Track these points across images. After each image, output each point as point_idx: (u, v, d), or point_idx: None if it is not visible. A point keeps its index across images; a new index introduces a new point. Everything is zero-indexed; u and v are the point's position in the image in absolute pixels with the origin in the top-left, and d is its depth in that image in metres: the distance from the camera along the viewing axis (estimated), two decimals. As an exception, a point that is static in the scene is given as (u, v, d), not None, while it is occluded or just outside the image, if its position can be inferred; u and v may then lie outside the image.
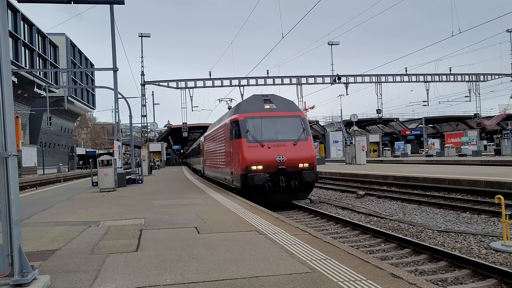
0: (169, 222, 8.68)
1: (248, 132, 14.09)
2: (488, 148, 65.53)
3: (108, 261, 5.59)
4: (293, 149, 14.05)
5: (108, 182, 18.23)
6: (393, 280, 4.39)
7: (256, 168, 13.61)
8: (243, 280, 4.54)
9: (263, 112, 14.68)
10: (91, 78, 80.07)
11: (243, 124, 14.30)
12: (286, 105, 15.35)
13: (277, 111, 14.81)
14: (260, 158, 13.73)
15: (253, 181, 13.22)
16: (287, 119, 14.76)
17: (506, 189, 14.43)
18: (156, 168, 47.68)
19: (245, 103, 15.54)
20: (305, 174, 13.74)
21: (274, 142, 14.03)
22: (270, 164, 13.69)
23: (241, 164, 13.80)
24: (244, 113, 14.62)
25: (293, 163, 13.85)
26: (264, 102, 15.03)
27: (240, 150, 13.92)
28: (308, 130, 14.72)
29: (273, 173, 13.63)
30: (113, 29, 22.04)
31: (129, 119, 30.14)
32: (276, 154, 13.81)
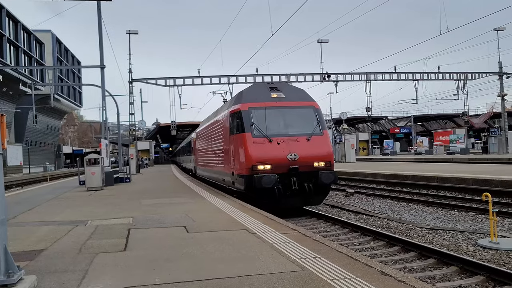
0: (158, 221, 8.61)
1: (254, 125, 11.91)
2: (475, 146, 66.30)
3: (96, 261, 5.51)
4: (306, 145, 11.91)
5: (95, 181, 18.06)
6: (382, 277, 4.39)
7: (263, 168, 11.51)
8: (233, 279, 4.51)
9: (270, 101, 12.53)
10: (78, 75, 79.25)
11: (247, 115, 12.09)
12: (296, 94, 13.28)
13: (286, 101, 12.66)
14: (268, 156, 11.61)
15: (261, 183, 11.02)
16: (299, 109, 12.61)
17: (493, 186, 14.59)
18: (144, 166, 47.40)
19: (248, 91, 13.32)
20: (322, 175, 11.62)
21: (284, 137, 11.89)
22: (280, 163, 11.57)
23: (246, 164, 11.67)
24: (247, 102, 12.44)
25: (307, 161, 11.74)
26: (270, 91, 12.92)
27: (244, 147, 11.77)
28: (323, 122, 12.65)
29: (284, 174, 11.52)
30: (100, 26, 21.82)
31: (116, 117, 29.89)
32: (287, 151, 11.68)
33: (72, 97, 75.09)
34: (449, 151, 51.71)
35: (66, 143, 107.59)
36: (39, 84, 48.85)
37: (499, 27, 41.88)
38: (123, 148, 47.92)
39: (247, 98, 12.71)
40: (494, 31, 42.31)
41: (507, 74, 44.80)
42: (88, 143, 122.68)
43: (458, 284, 6.09)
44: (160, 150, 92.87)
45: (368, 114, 44.76)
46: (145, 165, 48.80)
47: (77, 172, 24.81)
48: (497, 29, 41.99)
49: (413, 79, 42.07)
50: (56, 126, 77.33)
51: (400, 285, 4.14)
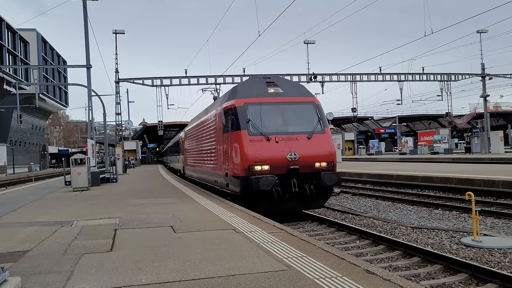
0: (144, 222, 8.58)
1: (250, 122, 11.08)
2: (459, 146, 67.19)
3: (81, 262, 5.48)
4: (307, 144, 11.14)
5: (81, 181, 17.91)
6: (368, 276, 4.45)
7: (261, 169, 10.69)
8: (219, 278, 4.52)
9: (267, 97, 11.72)
10: (63, 75, 78.29)
11: (243, 111, 11.25)
12: (295, 89, 12.50)
13: (284, 96, 11.86)
14: (266, 155, 10.79)
15: (258, 185, 10.24)
16: (298, 105, 11.83)
17: (476, 185, 14.83)
18: (131, 166, 47.08)
19: (243, 86, 12.54)
20: (325, 176, 10.86)
21: (283, 135, 11.08)
22: (279, 163, 10.77)
23: (241, 164, 10.84)
24: (243, 98, 11.59)
25: (308, 161, 10.96)
26: (267, 85, 12.07)
27: (240, 146, 10.96)
28: (324, 120, 11.91)
29: (283, 175, 10.73)
30: (86, 25, 21.64)
31: (103, 117, 29.67)
32: (287, 151, 10.87)
33: (58, 97, 74.18)
34: (433, 151, 52.32)
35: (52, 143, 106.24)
36: (24, 84, 48.13)
37: (481, 29, 42.51)
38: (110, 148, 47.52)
39: (242, 93, 11.84)
40: (477, 33, 42.92)
41: (489, 75, 45.51)
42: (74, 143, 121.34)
43: (442, 282, 6.19)
44: (147, 150, 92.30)
45: (354, 114, 45.10)
46: (131, 165, 48.47)
47: (62, 173, 24.57)
48: (480, 31, 42.60)
49: (398, 80, 42.49)
50: (41, 126, 76.33)
51: (385, 283, 4.20)
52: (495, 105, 77.29)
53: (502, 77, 49.47)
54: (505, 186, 13.99)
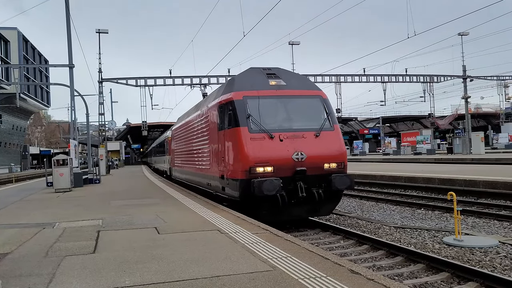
0: (128, 223, 8.50)
1: (250, 118, 9.88)
2: (441, 147, 68.17)
3: (63, 264, 5.40)
4: (315, 143, 10.00)
5: (63, 182, 17.66)
6: (352, 276, 4.48)
7: (263, 171, 9.51)
8: (204, 280, 4.50)
9: (268, 90, 10.56)
10: (45, 74, 77.12)
11: (242, 106, 10.06)
12: (299, 81, 11.34)
13: (288, 89, 10.72)
14: (269, 155, 9.61)
15: (261, 189, 9.05)
16: (304, 99, 10.73)
17: (458, 185, 15.06)
18: (114, 167, 46.62)
19: (242, 77, 11.19)
20: (336, 179, 9.72)
21: (288, 133, 9.93)
22: (284, 165, 9.59)
23: (241, 165, 9.61)
24: (241, 90, 10.40)
25: (316, 162, 9.81)
26: (267, 77, 10.91)
27: (239, 144, 9.74)
28: (333, 115, 10.75)
29: (288, 178, 9.56)
30: (69, 24, 21.35)
31: (86, 117, 29.29)
32: (292, 150, 9.70)
33: (39, 97, 73.01)
34: (416, 152, 52.99)
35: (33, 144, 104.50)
36: (4, 83, 47.29)
37: (463, 32, 43.23)
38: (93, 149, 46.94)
39: (240, 86, 10.62)
40: (458, 36, 43.63)
41: (470, 77, 46.30)
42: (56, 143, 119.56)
43: (424, 281, 6.27)
44: (131, 151, 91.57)
45: (338, 115, 45.40)
46: (115, 166, 47.99)
47: (44, 173, 24.20)
48: (461, 33, 43.32)
49: (382, 81, 42.96)
50: (22, 126, 75.03)
51: (369, 283, 4.23)
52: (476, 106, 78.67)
53: (483, 79, 50.43)
54: (486, 186, 14.24)
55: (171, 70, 37.97)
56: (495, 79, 52.65)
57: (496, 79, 52.92)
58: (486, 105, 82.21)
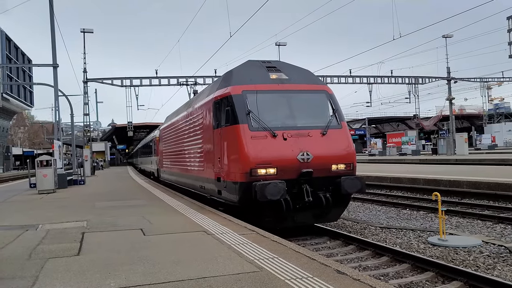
0: (113, 224, 8.41)
1: (251, 115, 9.06)
2: (426, 148, 68.99)
3: (47, 266, 5.31)
4: (322, 142, 9.22)
5: (47, 183, 17.43)
6: (338, 276, 4.49)
7: (265, 173, 8.70)
8: (190, 281, 4.47)
9: (270, 84, 9.77)
10: (28, 74, 75.97)
11: (241, 101, 9.24)
12: (302, 75, 10.47)
13: (290, 83, 9.93)
14: (272, 155, 8.78)
15: (264, 194, 8.18)
16: (309, 95, 9.97)
17: (442, 186, 15.25)
18: (99, 168, 46.17)
19: (240, 71, 10.30)
20: (345, 181, 8.91)
21: (292, 131, 9.13)
22: (288, 166, 8.77)
23: (241, 166, 8.77)
24: (240, 85, 9.59)
25: (323, 163, 9.03)
26: (268, 71, 10.10)
27: (238, 144, 8.91)
28: (340, 112, 9.98)
29: (293, 181, 8.76)
30: (53, 23, 21.09)
31: (70, 117, 28.97)
32: (298, 150, 8.89)
33: (23, 97, 71.91)
34: (401, 153, 53.57)
35: (16, 144, 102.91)
36: (-14, 83, 46.47)
37: (447, 34, 43.83)
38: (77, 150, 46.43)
39: (239, 79, 9.79)
40: (443, 38, 44.22)
41: (454, 79, 46.97)
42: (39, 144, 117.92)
43: (410, 281, 6.32)
44: (116, 152, 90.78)
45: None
46: (100, 167, 47.54)
47: (27, 175, 23.85)
48: (446, 36, 43.91)
49: (368, 82, 43.32)
50: (5, 126, 73.79)
51: (355, 283, 4.25)
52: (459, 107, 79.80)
53: (467, 81, 51.20)
54: (469, 186, 14.44)
55: (157, 71, 37.81)
56: (479, 81, 53.56)
57: (479, 81, 53.82)
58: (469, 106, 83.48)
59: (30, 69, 75.76)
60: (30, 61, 78.13)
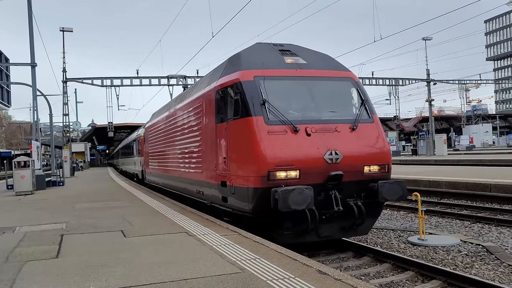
0: (93, 226, 8.30)
1: (267, 105, 7.48)
2: (406, 149, 69.96)
3: (24, 270, 5.21)
4: (352, 139, 7.76)
5: (25, 184, 17.15)
6: (320, 276, 4.51)
7: (285, 176, 7.15)
8: (172, 283, 4.44)
9: (286, 69, 8.21)
10: (5, 73, 74.42)
11: (254, 89, 7.67)
12: (322, 60, 8.96)
13: (310, 69, 8.37)
14: (294, 155, 7.24)
15: (287, 202, 6.64)
16: (332, 82, 8.46)
17: (422, 186, 15.47)
18: (79, 169, 45.53)
19: (249, 53, 8.72)
20: (384, 187, 7.46)
21: (316, 125, 7.60)
22: (313, 168, 7.25)
23: (256, 168, 7.21)
24: (251, 69, 8.01)
25: (355, 164, 7.55)
26: (282, 54, 8.57)
27: (252, 140, 7.34)
28: (370, 103, 8.48)
29: (319, 186, 7.25)
30: (31, 21, 20.71)
31: (49, 118, 28.50)
32: (324, 148, 7.37)
33: (0, 96, 70.41)
34: (382, 153, 54.00)
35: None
36: (-38, 82, 45.41)
37: (427, 37, 44.57)
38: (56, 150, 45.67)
39: (249, 63, 8.22)
40: (423, 40, 44.94)
41: (434, 81, 47.79)
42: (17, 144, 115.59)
43: (390, 280, 6.39)
44: (96, 152, 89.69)
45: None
46: (80, 168, 46.88)
47: (4, 176, 23.37)
48: (425, 38, 44.65)
49: (349, 84, 43.62)
50: (-19, 126, 72.16)
51: (336, 283, 4.28)
52: (439, 109, 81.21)
53: (446, 83, 52.10)
54: (448, 186, 14.69)
55: (138, 70, 37.41)
56: (457, 83, 54.53)
57: (458, 83, 54.81)
58: (448, 108, 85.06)
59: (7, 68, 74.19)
60: (7, 59, 76.52)
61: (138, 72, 37.39)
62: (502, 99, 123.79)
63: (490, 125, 77.94)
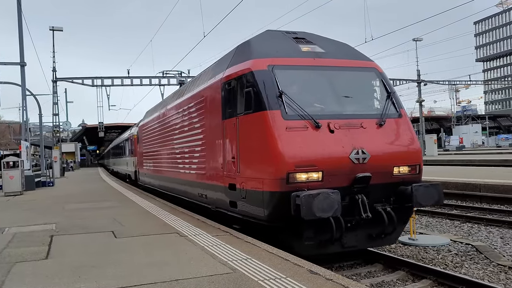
0: (83, 227, 8.24)
1: (284, 97, 6.70)
2: (396, 149, 70.18)
3: (14, 271, 5.15)
4: (379, 136, 7.00)
5: (14, 185, 17.03)
6: (311, 276, 4.52)
7: (307, 178, 6.39)
8: (163, 284, 4.42)
9: (302, 58, 7.42)
10: (-5, 72, 73.77)
11: (269, 79, 6.90)
12: (341, 49, 8.17)
13: (329, 58, 7.61)
14: (316, 154, 6.45)
15: (311, 209, 5.89)
16: (355, 73, 7.66)
17: (412, 186, 15.54)
18: (69, 170, 45.21)
19: (260, 41, 7.88)
20: (419, 190, 6.69)
21: (340, 120, 6.85)
22: (338, 169, 6.50)
23: (273, 169, 6.41)
24: (265, 57, 7.24)
25: (384, 165, 6.81)
26: (296, 42, 7.79)
27: (268, 136, 6.55)
28: (397, 97, 7.71)
29: (344, 189, 6.47)
30: (20, 20, 20.54)
31: (39, 117, 28.27)
32: (349, 146, 6.63)
33: (-12, 96, 69.67)
34: (374, 154, 54.31)
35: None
36: (-51, 81, 44.84)
37: (417, 38, 44.90)
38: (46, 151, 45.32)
39: (262, 51, 7.42)
40: (413, 41, 45.26)
41: (424, 81, 48.18)
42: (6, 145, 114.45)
43: (381, 280, 6.42)
44: (87, 153, 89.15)
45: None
46: (70, 168, 46.56)
47: (-7, 176, 23.14)
48: (416, 39, 44.97)
49: (341, 84, 43.80)
50: (-31, 126, 71.41)
51: (327, 283, 4.29)
52: (429, 109, 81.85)
53: (436, 83, 52.51)
54: (438, 186, 14.77)
55: (129, 70, 37.29)
56: (447, 83, 54.99)
57: (448, 84, 55.28)
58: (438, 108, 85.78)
59: (-4, 68, 73.45)
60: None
61: (129, 72, 37.26)
62: (491, 99, 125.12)
63: (480, 126, 78.66)
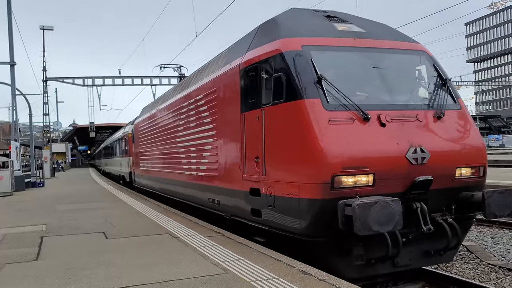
0: (74, 228, 8.18)
1: (324, 84, 5.53)
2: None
3: (3, 273, 5.10)
4: (438, 130, 5.83)
5: (3, 186, 16.91)
6: (304, 277, 4.52)
7: (354, 183, 5.27)
8: (154, 285, 4.39)
9: (341, 38, 6.26)
10: (-16, 72, 73.09)
11: (304, 62, 5.74)
12: (382, 29, 7.04)
13: (372, 38, 6.45)
14: (366, 152, 5.32)
15: (367, 222, 4.76)
16: (403, 56, 6.49)
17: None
18: (60, 170, 44.90)
19: (289, 19, 6.73)
20: (492, 198, 5.52)
21: (392, 111, 5.68)
22: (393, 171, 5.37)
23: (313, 172, 5.25)
24: (297, 36, 6.09)
25: (445, 167, 5.66)
26: (330, 21, 6.63)
27: (306, 131, 5.38)
28: (452, 85, 6.56)
29: (399, 196, 5.22)
30: (10, 18, 20.35)
31: (29, 117, 28.01)
32: (406, 143, 5.47)
33: (-23, 95, 69.04)
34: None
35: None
36: None
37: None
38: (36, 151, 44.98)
39: (293, 29, 6.26)
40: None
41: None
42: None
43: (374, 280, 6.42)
44: (78, 153, 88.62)
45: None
46: (60, 169, 46.24)
47: (-18, 177, 22.89)
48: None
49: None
50: (-42, 126, 70.65)
51: (320, 283, 4.29)
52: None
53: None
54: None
55: (120, 70, 37.04)
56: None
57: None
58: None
59: (-15, 67, 72.77)
60: (-15, 58, 75.09)
61: (121, 71, 37.05)
62: (482, 100, 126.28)
63: (470, 126, 79.28)
